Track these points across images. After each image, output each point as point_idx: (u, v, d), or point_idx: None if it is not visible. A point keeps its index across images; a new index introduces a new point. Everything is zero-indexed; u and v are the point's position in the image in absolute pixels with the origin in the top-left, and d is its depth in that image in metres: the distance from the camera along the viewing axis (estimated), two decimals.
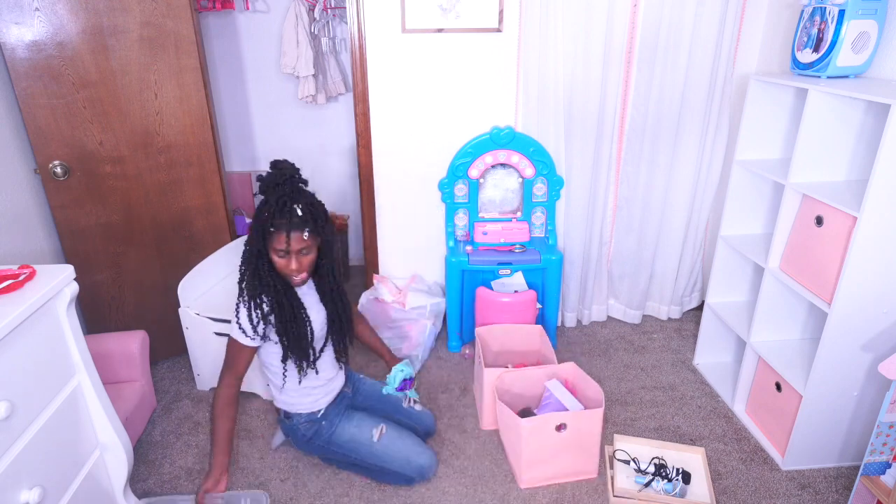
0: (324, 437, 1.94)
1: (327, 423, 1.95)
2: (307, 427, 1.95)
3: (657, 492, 1.91)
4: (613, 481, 1.96)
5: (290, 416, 1.96)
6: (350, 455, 1.94)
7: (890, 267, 1.72)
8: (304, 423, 1.95)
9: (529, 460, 1.95)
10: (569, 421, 1.92)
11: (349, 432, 1.94)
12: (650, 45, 2.53)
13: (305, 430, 1.95)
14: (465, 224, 2.77)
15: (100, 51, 2.16)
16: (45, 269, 1.48)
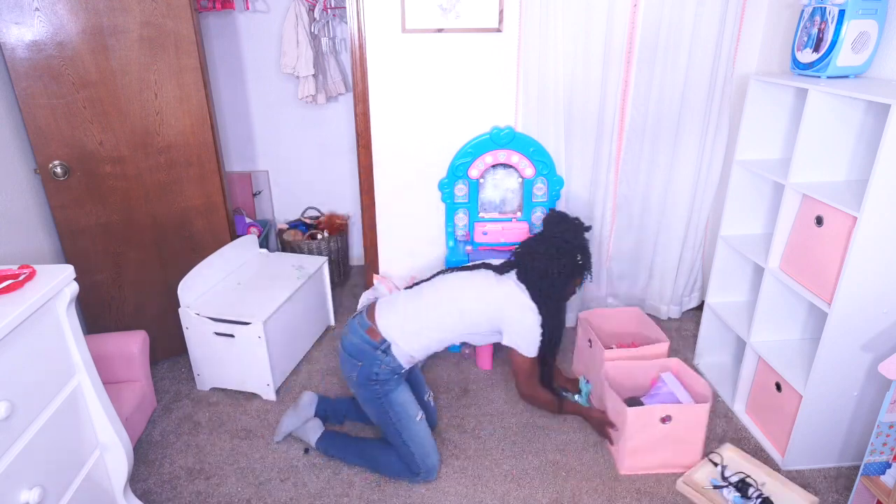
0: (386, 388, 1.97)
1: (396, 380, 2.00)
2: (385, 371, 1.95)
3: (722, 498, 1.90)
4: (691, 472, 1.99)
5: (390, 353, 1.94)
6: (391, 418, 1.98)
7: (890, 267, 1.72)
8: (388, 367, 1.95)
9: (632, 447, 2.00)
10: (674, 414, 1.96)
11: (404, 399, 2.00)
12: (650, 45, 2.53)
13: (382, 371, 1.95)
14: (465, 224, 2.77)
15: (100, 51, 2.16)
16: (45, 269, 1.48)
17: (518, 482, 2.02)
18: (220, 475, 2.06)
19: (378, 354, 1.94)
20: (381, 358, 1.94)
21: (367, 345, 1.95)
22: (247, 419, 2.34)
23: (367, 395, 1.99)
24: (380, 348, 1.94)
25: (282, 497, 1.96)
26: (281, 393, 2.49)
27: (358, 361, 1.96)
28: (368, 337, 1.96)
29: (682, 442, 2.01)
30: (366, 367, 1.95)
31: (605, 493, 1.97)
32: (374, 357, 1.94)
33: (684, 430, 1.99)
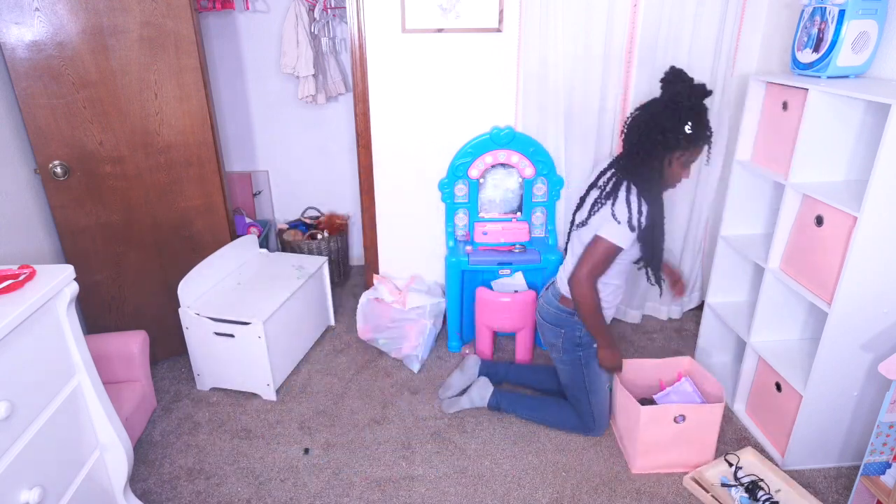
0: (590, 353, 2.06)
1: (590, 346, 2.05)
2: (586, 333, 2.02)
3: (729, 497, 1.90)
4: (703, 469, 2.00)
5: None
6: (584, 382, 2.09)
7: (890, 267, 1.72)
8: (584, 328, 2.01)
9: (645, 447, 2.01)
10: (688, 413, 1.97)
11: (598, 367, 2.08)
12: (650, 44, 2.53)
13: (584, 333, 2.02)
14: (465, 224, 2.77)
15: (100, 51, 2.16)
16: (45, 269, 1.48)
17: (518, 482, 2.02)
18: (220, 475, 2.06)
19: (575, 319, 2.02)
20: (576, 321, 2.01)
21: (563, 312, 2.05)
22: (247, 419, 2.34)
23: (570, 359, 2.09)
24: (574, 313, 2.01)
25: (282, 497, 1.96)
26: (281, 393, 2.49)
27: (560, 328, 2.06)
28: (561, 305, 2.05)
29: (694, 442, 2.01)
30: (569, 333, 2.05)
31: (605, 493, 1.97)
32: (572, 323, 2.03)
33: (697, 430, 2.00)
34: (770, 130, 2.10)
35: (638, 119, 1.84)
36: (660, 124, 1.77)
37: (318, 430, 2.28)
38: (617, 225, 1.81)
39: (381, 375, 2.61)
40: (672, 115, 1.76)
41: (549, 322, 2.10)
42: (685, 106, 1.76)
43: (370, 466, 2.09)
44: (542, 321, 2.13)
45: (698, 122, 1.77)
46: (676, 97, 1.77)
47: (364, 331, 2.81)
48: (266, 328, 2.32)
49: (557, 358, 2.14)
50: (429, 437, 2.23)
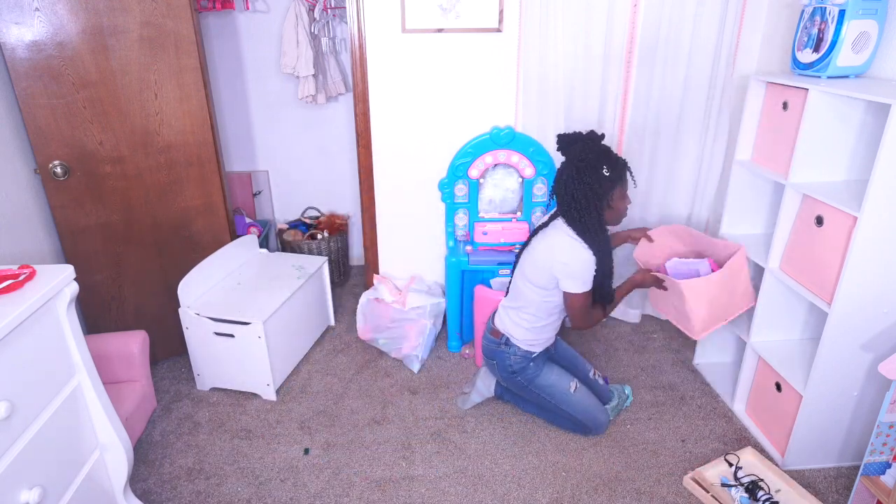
0: (527, 376, 2.16)
1: (534, 366, 2.16)
2: (517, 361, 2.15)
3: (729, 497, 1.90)
4: (703, 469, 2.02)
5: (510, 344, 2.14)
6: (545, 398, 2.17)
7: (890, 267, 1.72)
8: (517, 356, 2.14)
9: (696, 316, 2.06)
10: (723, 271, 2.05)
11: (550, 379, 2.17)
12: (650, 44, 2.53)
13: (514, 362, 2.15)
14: (465, 224, 2.77)
15: (100, 51, 2.16)
16: (45, 269, 1.48)
17: (518, 482, 2.02)
18: (220, 475, 2.06)
19: (503, 349, 2.16)
20: (505, 351, 2.15)
21: (493, 343, 2.20)
22: (247, 419, 2.34)
23: (516, 386, 2.21)
24: (501, 343, 2.17)
25: (282, 497, 1.96)
26: (281, 393, 2.49)
27: (492, 360, 2.21)
28: (492, 337, 2.21)
29: (735, 293, 2.10)
30: (500, 363, 2.18)
31: (605, 493, 1.98)
32: (501, 352, 2.17)
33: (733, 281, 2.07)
34: (770, 130, 2.10)
35: (560, 187, 1.98)
36: (583, 182, 1.91)
37: (318, 430, 2.28)
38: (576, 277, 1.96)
39: (381, 375, 2.61)
40: (588, 170, 1.91)
41: (486, 356, 2.25)
42: (592, 157, 1.92)
43: (370, 466, 2.09)
44: (484, 356, 2.27)
45: (609, 160, 1.93)
46: (581, 154, 1.93)
47: (364, 331, 2.81)
48: (266, 328, 2.32)
49: (510, 388, 2.27)
50: (429, 437, 2.23)
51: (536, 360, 2.16)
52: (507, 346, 2.15)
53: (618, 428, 2.27)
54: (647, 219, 2.85)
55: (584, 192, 1.91)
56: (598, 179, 1.91)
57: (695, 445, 2.18)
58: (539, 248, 2.04)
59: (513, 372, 2.16)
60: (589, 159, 1.91)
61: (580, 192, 1.91)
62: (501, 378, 2.24)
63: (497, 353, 2.18)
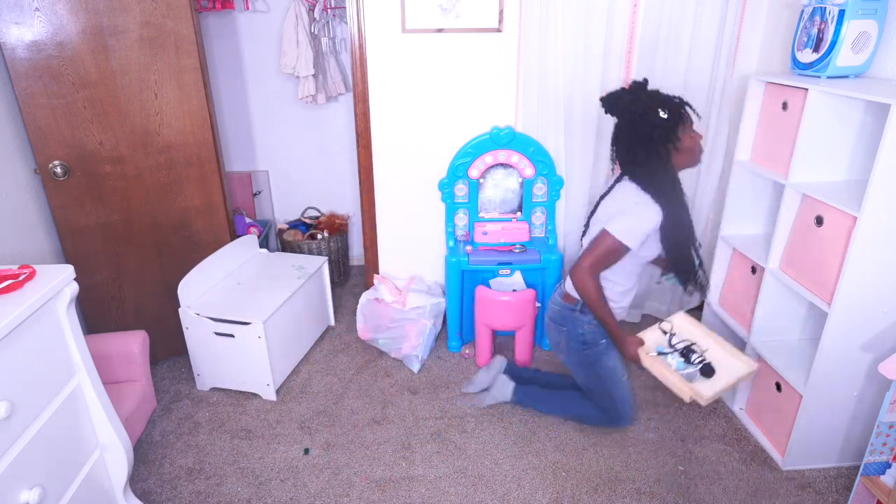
0: (598, 351, 2.01)
1: (606, 343, 2.00)
2: (591, 331, 1.98)
3: (666, 362, 1.90)
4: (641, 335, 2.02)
5: (587, 311, 1.95)
6: (602, 380, 2.04)
7: (890, 267, 1.72)
8: (592, 325, 1.97)
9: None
10: None
11: (615, 361, 2.03)
12: (650, 44, 2.53)
13: (588, 331, 1.98)
14: (465, 224, 2.77)
15: (100, 51, 2.16)
16: (45, 269, 1.48)
17: (518, 482, 2.02)
18: (220, 475, 2.06)
19: (577, 315, 1.98)
20: (580, 318, 1.97)
21: (566, 309, 2.01)
22: (247, 419, 2.34)
23: (578, 360, 2.06)
24: (576, 309, 1.97)
25: (282, 497, 1.96)
26: (281, 393, 2.49)
27: (562, 326, 2.03)
28: (564, 302, 2.02)
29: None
30: (571, 330, 2.01)
31: (605, 493, 1.98)
32: (574, 319, 1.99)
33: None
34: (770, 130, 2.10)
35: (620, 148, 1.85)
36: (640, 133, 1.77)
37: (318, 430, 2.28)
38: (626, 220, 1.79)
39: (381, 375, 2.62)
40: (642, 119, 1.76)
41: (554, 321, 2.07)
42: (643, 104, 1.77)
43: (370, 466, 2.09)
44: (549, 321, 2.11)
45: (661, 101, 1.77)
46: (631, 106, 1.79)
47: (364, 331, 2.81)
48: (266, 328, 2.32)
49: (566, 360, 2.13)
50: (429, 437, 2.23)
51: (607, 338, 1.99)
52: (582, 312, 1.96)
53: (617, 428, 2.27)
54: None
55: (644, 144, 1.75)
56: (655, 125, 1.74)
57: (695, 445, 2.18)
58: (605, 204, 1.90)
59: (584, 342, 1.98)
60: (640, 107, 1.76)
61: (640, 144, 1.76)
62: (563, 348, 2.06)
63: (570, 319, 1.99)
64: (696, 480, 2.02)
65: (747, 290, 2.26)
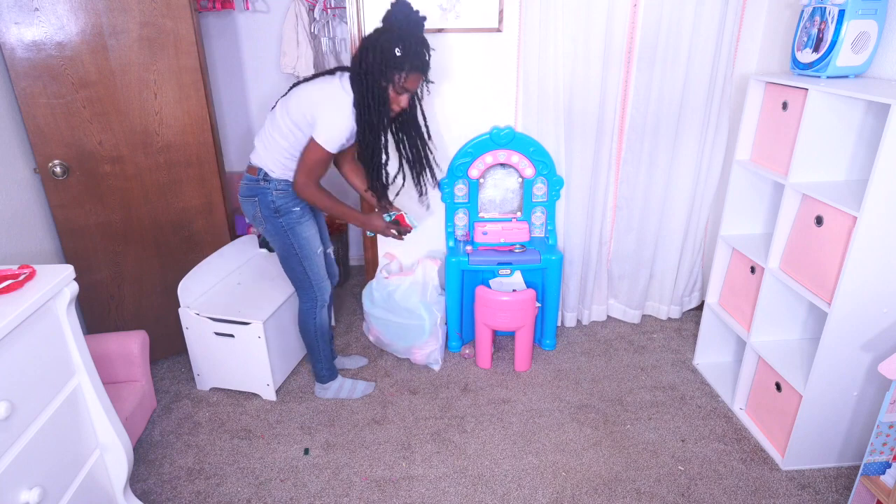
0: (291, 220, 2.13)
1: (300, 211, 2.14)
2: (281, 196, 2.09)
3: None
4: None
5: (270, 179, 2.07)
6: (294, 250, 2.16)
7: (890, 267, 1.72)
8: (279, 191, 2.09)
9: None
10: None
11: (310, 233, 2.18)
12: (650, 44, 2.53)
13: (278, 197, 2.09)
14: (465, 224, 2.77)
15: (99, 51, 2.16)
16: (45, 269, 1.48)
17: (518, 482, 2.02)
18: (220, 475, 2.06)
19: (262, 185, 2.08)
20: (265, 187, 2.08)
21: (251, 181, 2.11)
22: (247, 419, 2.34)
23: (274, 229, 2.14)
24: (260, 179, 2.08)
25: (282, 497, 1.96)
26: (281, 393, 2.49)
27: (253, 197, 2.11)
28: (250, 175, 2.12)
29: None
30: (262, 199, 2.10)
31: (605, 493, 1.98)
32: (261, 189, 2.09)
33: None
34: (770, 130, 2.10)
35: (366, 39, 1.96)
36: (375, 45, 1.91)
37: (318, 430, 2.28)
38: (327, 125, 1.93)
39: (381, 375, 2.62)
40: (384, 37, 1.90)
41: (244, 195, 2.15)
42: (396, 30, 1.91)
43: (370, 466, 2.09)
44: (241, 199, 2.17)
45: (408, 48, 1.89)
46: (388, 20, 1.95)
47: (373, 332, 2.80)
48: (266, 328, 2.32)
49: (264, 231, 2.18)
50: (429, 437, 2.23)
51: (301, 205, 2.13)
52: (266, 181, 2.08)
53: (618, 428, 2.27)
54: (647, 219, 2.85)
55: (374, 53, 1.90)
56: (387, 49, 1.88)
57: (695, 445, 2.18)
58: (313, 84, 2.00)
59: (276, 210, 2.09)
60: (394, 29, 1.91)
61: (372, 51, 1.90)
62: (260, 220, 2.13)
63: (258, 189, 2.09)
64: (696, 480, 2.02)
65: (747, 290, 2.26)
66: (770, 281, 2.08)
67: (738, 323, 2.32)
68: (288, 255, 2.19)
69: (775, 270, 2.05)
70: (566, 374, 2.62)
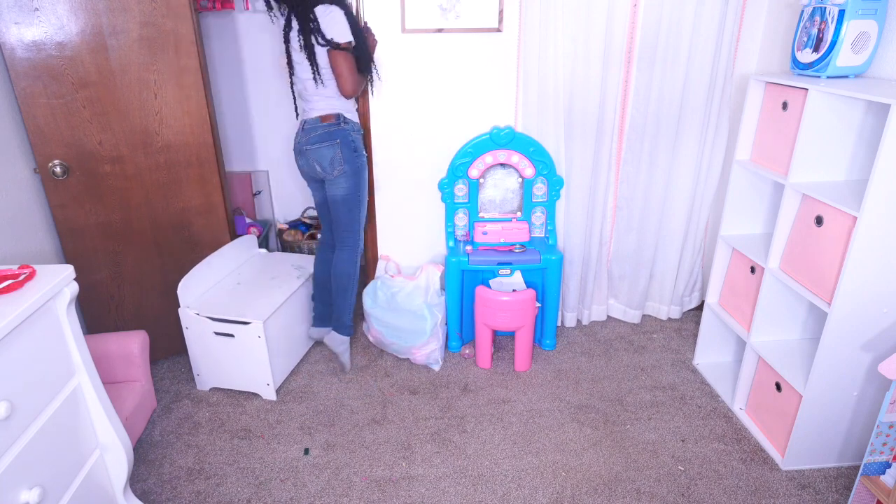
0: (364, 161, 2.38)
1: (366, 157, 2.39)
2: (358, 137, 2.34)
3: None
4: None
5: (348, 121, 2.30)
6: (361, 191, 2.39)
7: (890, 267, 1.72)
8: (356, 133, 2.34)
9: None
10: None
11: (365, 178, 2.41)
12: (650, 44, 2.53)
13: (355, 137, 2.33)
14: (465, 224, 2.77)
15: (100, 51, 2.16)
16: (45, 268, 1.48)
17: (518, 482, 2.02)
18: (220, 475, 2.06)
19: (343, 127, 2.29)
20: (346, 128, 2.29)
21: (331, 126, 2.28)
22: (247, 419, 2.34)
23: (352, 169, 2.32)
24: (340, 122, 2.28)
25: (282, 497, 1.96)
26: (281, 393, 2.49)
27: (334, 140, 2.28)
28: (327, 122, 2.28)
29: None
30: (344, 140, 2.29)
31: (605, 493, 1.98)
32: (342, 130, 2.28)
33: None
34: (770, 130, 2.10)
35: None
36: None
37: (318, 430, 2.28)
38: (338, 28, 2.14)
39: (381, 375, 2.62)
40: None
41: (324, 140, 2.28)
42: None
43: (370, 466, 2.09)
44: (313, 148, 2.29)
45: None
46: None
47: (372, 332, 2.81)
48: (266, 328, 2.32)
49: (341, 173, 2.31)
50: (429, 437, 2.23)
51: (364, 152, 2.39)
52: (346, 122, 2.29)
53: (618, 428, 2.27)
54: (647, 219, 2.85)
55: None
56: None
57: (695, 445, 2.18)
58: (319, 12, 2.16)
59: (355, 149, 2.31)
60: None
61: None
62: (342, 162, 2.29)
63: (339, 132, 2.27)
64: (696, 480, 2.02)
65: (747, 290, 2.26)
66: (770, 281, 2.08)
67: (738, 323, 2.32)
68: (354, 197, 2.36)
69: (775, 270, 2.05)
70: (566, 374, 2.62)
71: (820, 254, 1.85)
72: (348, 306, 2.51)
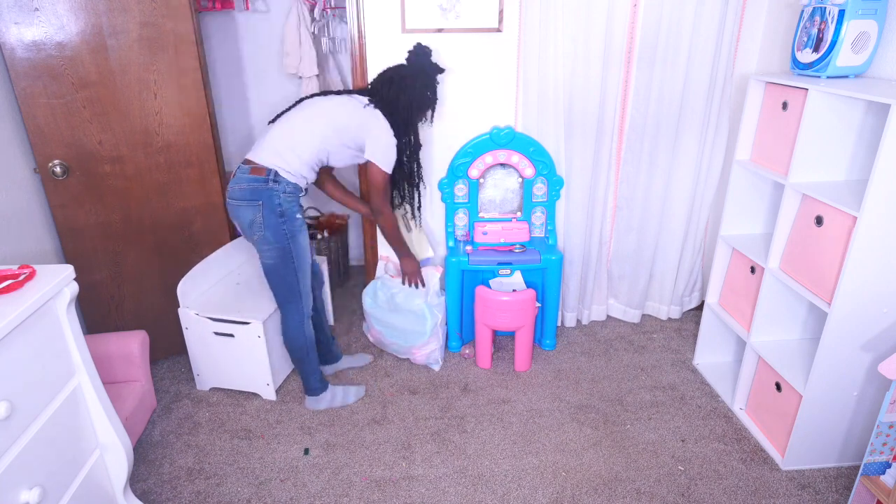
0: (293, 227, 2.08)
1: (301, 219, 2.12)
2: (287, 199, 2.05)
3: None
4: None
5: (280, 181, 2.03)
6: (292, 257, 2.11)
7: (890, 267, 1.72)
8: (287, 194, 2.05)
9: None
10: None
11: (306, 242, 2.17)
12: (650, 44, 2.53)
13: (284, 200, 2.04)
14: (465, 224, 2.77)
15: (99, 51, 2.16)
16: (45, 269, 1.48)
17: (518, 482, 2.02)
18: (220, 475, 2.06)
19: (271, 186, 2.02)
20: (275, 188, 2.02)
21: (257, 182, 2.02)
22: (247, 419, 2.34)
23: (274, 236, 2.05)
24: (269, 179, 2.02)
25: (282, 497, 1.96)
26: (281, 393, 2.49)
27: (257, 201, 2.02)
28: (255, 176, 2.02)
29: None
30: (267, 203, 2.02)
31: (605, 493, 1.98)
32: (269, 190, 2.01)
33: None
34: (770, 130, 2.10)
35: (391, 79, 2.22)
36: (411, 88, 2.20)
37: (318, 430, 2.28)
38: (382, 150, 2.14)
39: (381, 375, 2.62)
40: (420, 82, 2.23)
41: (245, 198, 2.03)
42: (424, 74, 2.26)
43: (370, 466, 2.09)
44: (236, 203, 2.05)
45: (435, 90, 2.31)
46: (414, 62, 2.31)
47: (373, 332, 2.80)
48: (266, 328, 2.32)
49: (261, 238, 2.06)
50: (429, 437, 2.23)
51: (302, 215, 2.13)
52: (276, 181, 2.01)
53: (618, 428, 2.27)
54: (647, 219, 2.85)
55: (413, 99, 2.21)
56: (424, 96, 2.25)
57: (695, 445, 2.18)
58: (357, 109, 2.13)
59: (281, 214, 2.02)
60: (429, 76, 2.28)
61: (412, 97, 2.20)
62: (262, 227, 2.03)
63: (264, 192, 2.00)
64: (696, 480, 2.02)
65: (747, 290, 2.26)
66: (770, 281, 2.08)
67: (738, 323, 2.32)
68: (283, 264, 2.10)
69: (775, 270, 2.05)
70: (566, 374, 2.62)
71: (820, 254, 1.85)
72: (312, 370, 2.34)
